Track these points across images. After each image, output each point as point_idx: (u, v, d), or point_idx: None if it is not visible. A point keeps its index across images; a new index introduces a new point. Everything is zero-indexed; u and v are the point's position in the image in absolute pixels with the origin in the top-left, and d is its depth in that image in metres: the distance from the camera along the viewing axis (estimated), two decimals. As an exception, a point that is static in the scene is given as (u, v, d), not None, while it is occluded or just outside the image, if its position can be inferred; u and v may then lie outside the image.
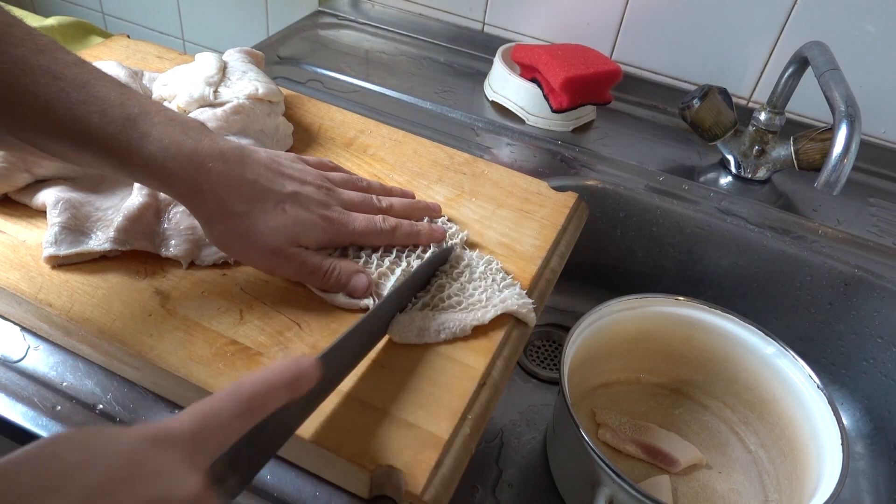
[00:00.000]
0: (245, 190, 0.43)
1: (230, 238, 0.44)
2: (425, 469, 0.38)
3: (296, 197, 0.45)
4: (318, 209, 0.46)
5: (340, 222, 0.47)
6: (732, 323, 0.60)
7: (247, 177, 0.43)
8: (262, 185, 0.44)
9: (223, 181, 0.42)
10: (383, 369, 0.43)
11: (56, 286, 0.46)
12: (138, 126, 0.40)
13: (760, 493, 0.59)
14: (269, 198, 0.44)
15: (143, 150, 0.40)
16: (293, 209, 0.45)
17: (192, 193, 0.42)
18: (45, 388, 0.44)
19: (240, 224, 0.43)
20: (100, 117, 0.39)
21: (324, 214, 0.46)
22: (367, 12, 0.98)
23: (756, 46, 0.80)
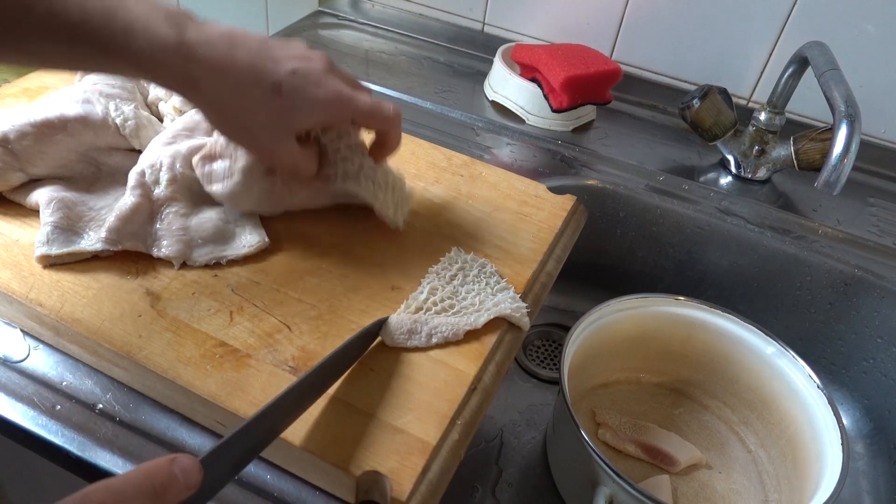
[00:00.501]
0: (237, 75, 0.41)
1: (227, 129, 0.44)
2: (412, 475, 0.37)
3: (294, 74, 0.43)
4: (321, 82, 0.44)
5: (347, 96, 0.45)
6: (732, 323, 0.60)
7: (238, 60, 0.41)
8: (255, 67, 0.42)
9: (214, 68, 0.40)
10: (372, 372, 0.43)
11: (47, 286, 0.45)
12: (121, 17, 0.38)
13: (760, 493, 0.59)
14: (263, 80, 0.42)
15: (129, 45, 0.38)
16: (290, 91, 0.42)
17: (185, 85, 0.41)
18: (45, 388, 0.44)
19: (236, 116, 0.42)
20: (81, 13, 0.37)
21: (328, 87, 0.44)
22: (367, 12, 0.98)
23: (756, 46, 0.80)
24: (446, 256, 0.50)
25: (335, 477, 0.38)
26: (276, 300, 0.47)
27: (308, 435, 0.39)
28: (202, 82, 0.40)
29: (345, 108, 0.45)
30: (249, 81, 0.41)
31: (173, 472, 0.28)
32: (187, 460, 0.29)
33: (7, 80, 0.72)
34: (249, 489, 0.40)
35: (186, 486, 0.28)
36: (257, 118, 0.43)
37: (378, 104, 0.47)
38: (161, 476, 0.28)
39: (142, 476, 0.27)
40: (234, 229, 0.51)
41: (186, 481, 0.28)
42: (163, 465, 0.28)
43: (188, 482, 0.28)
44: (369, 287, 0.49)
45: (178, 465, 0.28)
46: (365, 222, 0.54)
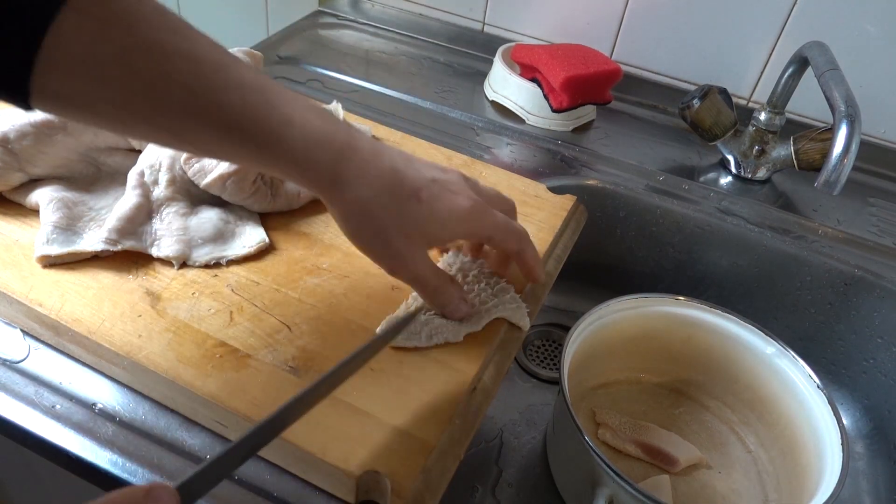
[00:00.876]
0: (382, 178, 0.40)
1: (362, 235, 0.42)
2: (412, 475, 0.37)
3: (434, 182, 0.42)
4: (460, 192, 0.43)
5: (484, 208, 0.44)
6: (732, 323, 0.60)
7: (383, 162, 0.41)
8: (399, 172, 0.41)
9: (362, 169, 0.40)
10: (372, 372, 0.43)
11: (47, 286, 0.45)
12: (280, 110, 0.37)
13: (760, 493, 0.59)
14: (406, 185, 0.41)
15: (286, 136, 0.37)
16: (430, 198, 0.41)
17: (332, 184, 0.39)
18: (45, 388, 0.44)
19: (373, 219, 0.41)
20: (241, 103, 0.36)
21: (468, 197, 0.43)
22: (367, 12, 0.98)
23: (756, 46, 0.80)
24: (443, 258, 0.50)
25: (335, 477, 0.38)
26: (276, 300, 0.47)
27: (308, 435, 0.39)
28: (349, 183, 0.39)
29: (483, 219, 0.44)
30: (393, 185, 0.40)
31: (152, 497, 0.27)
32: (163, 492, 0.27)
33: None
34: (249, 489, 0.40)
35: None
36: (395, 223, 0.41)
37: (511, 221, 0.46)
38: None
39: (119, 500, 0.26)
40: (233, 229, 0.51)
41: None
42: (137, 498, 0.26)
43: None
44: (369, 287, 0.49)
45: (153, 496, 0.27)
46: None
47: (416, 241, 0.42)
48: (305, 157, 0.38)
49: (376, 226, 0.41)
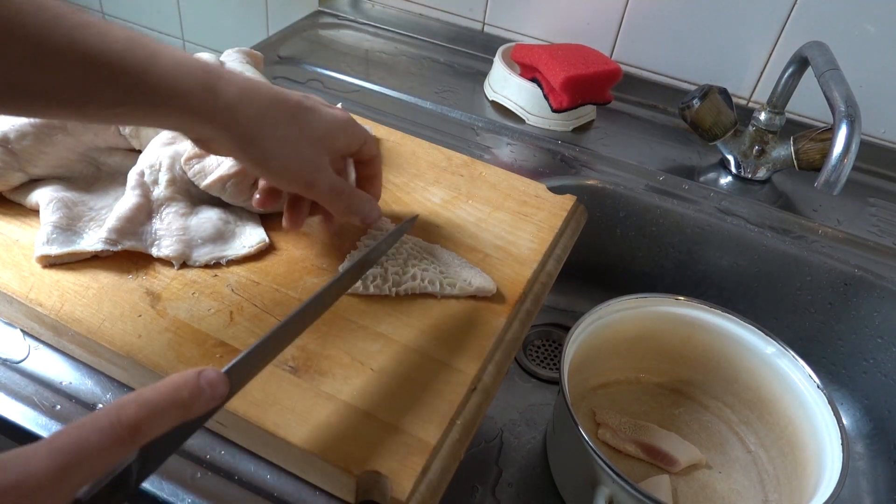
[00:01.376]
0: (261, 99, 0.41)
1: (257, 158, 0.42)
2: (412, 475, 0.37)
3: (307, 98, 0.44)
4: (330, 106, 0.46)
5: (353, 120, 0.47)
6: (732, 323, 0.60)
7: (260, 86, 0.41)
8: (276, 91, 0.42)
9: (240, 93, 0.39)
10: (372, 373, 0.43)
11: (47, 286, 0.46)
12: (144, 45, 0.36)
13: (760, 493, 0.59)
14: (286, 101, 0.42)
15: (154, 67, 0.36)
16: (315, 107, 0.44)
17: (219, 110, 0.39)
18: (45, 388, 0.44)
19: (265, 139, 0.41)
20: (101, 39, 0.35)
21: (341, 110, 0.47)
22: (367, 12, 0.98)
23: (756, 46, 0.80)
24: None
25: (335, 477, 0.38)
26: (276, 300, 0.47)
27: (308, 435, 0.39)
28: (236, 106, 0.39)
29: (357, 127, 0.46)
30: (277, 99, 0.42)
31: (201, 385, 0.29)
32: (213, 373, 0.30)
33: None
34: (249, 489, 0.40)
35: (212, 398, 0.30)
36: (296, 132, 0.42)
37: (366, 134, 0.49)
38: (189, 388, 0.29)
39: (171, 388, 0.28)
40: (233, 229, 0.51)
41: (213, 393, 0.30)
42: (190, 378, 0.29)
43: (214, 394, 0.30)
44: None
45: (205, 378, 0.30)
46: (365, 222, 0.54)
47: (320, 149, 0.44)
48: (178, 88, 0.37)
49: (280, 138, 0.41)
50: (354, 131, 0.46)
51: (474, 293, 0.48)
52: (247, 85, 0.40)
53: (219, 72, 0.39)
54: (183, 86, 0.37)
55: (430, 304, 0.48)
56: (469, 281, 0.48)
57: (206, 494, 0.39)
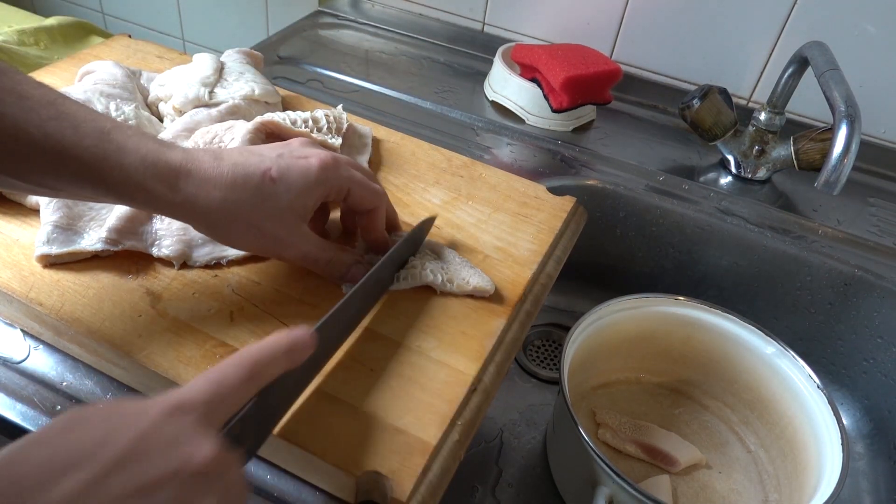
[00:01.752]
0: (226, 179, 0.41)
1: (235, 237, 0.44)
2: (412, 475, 0.37)
3: (281, 158, 0.43)
4: (308, 155, 0.44)
5: (335, 164, 0.45)
6: (732, 323, 0.60)
7: (224, 167, 0.42)
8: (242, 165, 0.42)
9: (205, 179, 0.41)
10: (372, 373, 0.43)
11: (47, 285, 0.46)
12: (113, 138, 0.39)
13: (760, 493, 0.59)
14: (254, 173, 0.42)
15: (121, 162, 0.39)
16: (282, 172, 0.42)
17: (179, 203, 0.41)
18: (45, 388, 0.44)
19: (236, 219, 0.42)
20: (73, 132, 0.38)
21: (317, 156, 0.44)
22: (367, 12, 0.98)
23: (756, 46, 0.80)
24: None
25: (335, 477, 0.38)
26: (277, 300, 0.47)
27: (308, 435, 0.39)
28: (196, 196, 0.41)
29: (337, 173, 0.45)
30: (238, 179, 0.41)
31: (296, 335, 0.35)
32: (302, 329, 0.35)
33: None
34: (249, 489, 0.40)
35: (304, 347, 0.35)
36: (257, 212, 0.42)
37: (368, 175, 0.48)
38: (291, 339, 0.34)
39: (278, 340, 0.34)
40: (234, 229, 0.51)
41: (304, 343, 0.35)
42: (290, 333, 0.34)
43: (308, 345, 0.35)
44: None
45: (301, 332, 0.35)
46: (365, 222, 0.54)
47: (288, 219, 0.43)
48: (140, 184, 0.39)
49: (240, 222, 0.42)
50: (330, 182, 0.44)
51: (471, 292, 0.48)
52: (207, 171, 0.41)
53: (187, 166, 0.41)
54: (145, 183, 0.39)
55: (431, 305, 0.48)
56: (467, 280, 0.48)
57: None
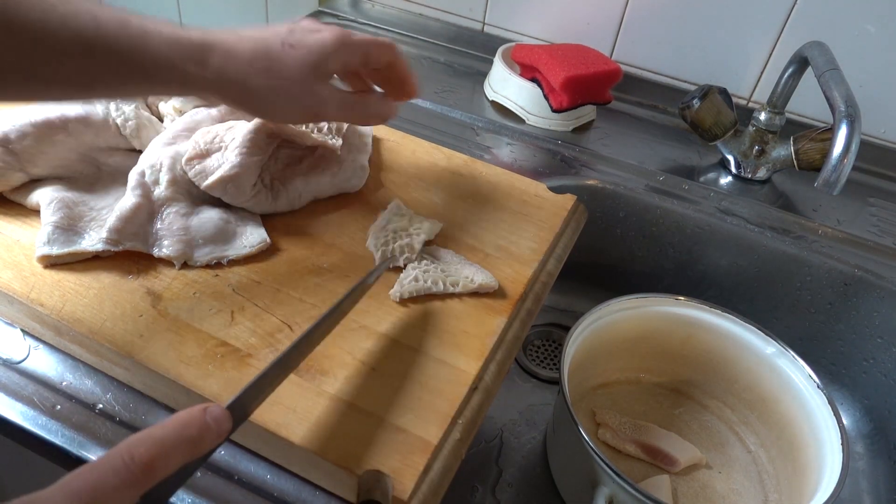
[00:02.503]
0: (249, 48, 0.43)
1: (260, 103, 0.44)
2: (413, 474, 0.37)
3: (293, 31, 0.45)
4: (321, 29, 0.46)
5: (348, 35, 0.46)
6: (732, 323, 0.60)
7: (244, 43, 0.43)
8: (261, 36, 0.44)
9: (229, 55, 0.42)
10: (373, 372, 0.43)
11: (48, 286, 0.45)
12: (133, 24, 0.39)
13: (760, 493, 0.59)
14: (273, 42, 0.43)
15: (147, 45, 0.39)
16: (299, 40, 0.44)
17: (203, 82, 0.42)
18: (45, 388, 0.44)
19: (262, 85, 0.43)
20: (94, 24, 0.38)
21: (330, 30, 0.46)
22: (367, 12, 0.98)
23: (756, 46, 0.80)
24: None
25: (337, 476, 0.38)
26: (278, 300, 0.47)
27: (309, 434, 0.39)
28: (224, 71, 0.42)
29: (353, 41, 0.46)
30: (258, 50, 0.43)
31: (206, 422, 0.30)
32: (218, 410, 0.30)
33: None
34: (249, 489, 0.40)
35: (218, 435, 0.30)
36: (276, 87, 0.43)
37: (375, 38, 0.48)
38: (196, 425, 0.29)
39: (179, 426, 0.29)
40: (235, 229, 0.51)
41: (218, 429, 0.30)
42: (196, 415, 0.30)
43: (220, 430, 0.30)
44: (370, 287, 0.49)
45: (210, 414, 0.30)
46: (363, 221, 0.54)
47: (312, 81, 0.44)
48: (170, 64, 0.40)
49: (269, 87, 0.43)
50: (347, 50, 0.45)
51: (477, 290, 0.48)
52: (231, 46, 0.42)
53: (210, 41, 0.42)
54: (174, 62, 0.40)
55: (432, 304, 0.48)
56: (471, 278, 0.48)
57: (206, 494, 0.39)
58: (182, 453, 0.29)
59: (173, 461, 0.28)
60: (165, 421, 0.29)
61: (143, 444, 0.27)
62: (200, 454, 0.30)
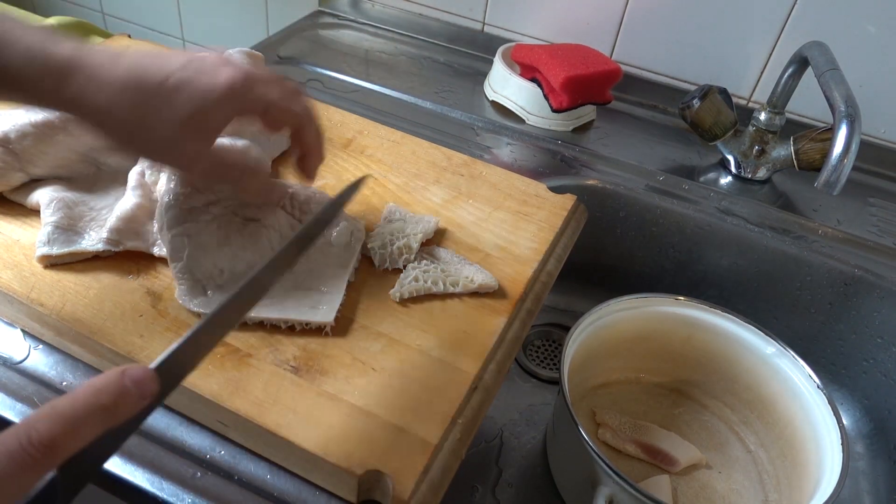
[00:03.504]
0: (118, 80, 0.37)
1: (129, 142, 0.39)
2: (413, 474, 0.37)
3: (185, 68, 0.39)
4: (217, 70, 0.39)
5: (249, 78, 0.40)
6: (732, 323, 0.60)
7: (119, 69, 0.38)
8: (141, 66, 0.38)
9: (94, 79, 0.37)
10: (373, 372, 0.43)
11: (48, 286, 0.46)
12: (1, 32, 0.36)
13: (760, 493, 0.59)
14: (151, 78, 0.38)
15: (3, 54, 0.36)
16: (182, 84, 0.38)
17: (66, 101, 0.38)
18: (45, 388, 0.44)
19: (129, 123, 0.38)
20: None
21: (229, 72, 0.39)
22: (367, 12, 0.98)
23: (756, 46, 0.80)
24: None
25: (337, 476, 0.38)
26: (277, 300, 0.47)
27: (310, 434, 0.39)
28: (83, 95, 0.37)
29: (250, 92, 0.40)
30: (130, 82, 0.38)
31: (124, 385, 0.27)
32: (139, 370, 0.27)
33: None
34: (249, 489, 0.40)
35: (140, 398, 0.27)
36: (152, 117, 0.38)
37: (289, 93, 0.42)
38: (111, 390, 0.26)
39: (90, 394, 0.26)
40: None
41: (140, 392, 0.27)
42: (112, 380, 0.26)
43: (142, 393, 0.27)
44: (370, 287, 0.49)
45: (129, 376, 0.27)
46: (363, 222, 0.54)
47: (187, 131, 0.39)
48: (25, 76, 0.36)
49: (129, 125, 0.38)
50: (237, 103, 0.40)
51: (477, 290, 0.48)
52: (100, 69, 0.37)
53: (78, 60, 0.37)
54: (29, 76, 0.37)
55: (432, 304, 0.48)
56: (471, 278, 0.48)
57: (206, 494, 0.39)
58: (95, 424, 0.26)
59: (83, 434, 0.25)
60: (76, 389, 0.26)
61: (43, 421, 0.24)
62: (118, 422, 0.27)
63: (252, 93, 0.40)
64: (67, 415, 0.25)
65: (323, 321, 0.44)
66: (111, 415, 0.26)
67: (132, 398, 0.27)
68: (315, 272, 0.48)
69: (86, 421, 0.25)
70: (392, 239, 0.50)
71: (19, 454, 0.24)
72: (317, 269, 0.48)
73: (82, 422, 0.25)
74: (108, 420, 0.26)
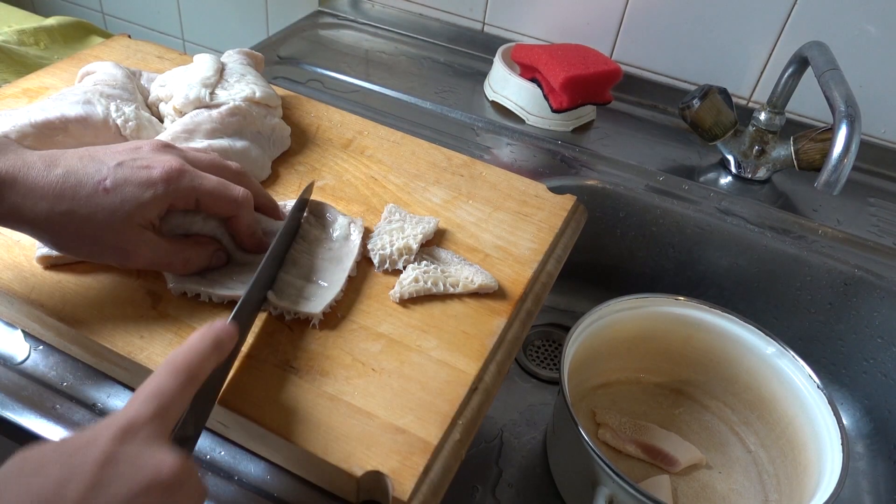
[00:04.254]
0: (56, 188, 0.39)
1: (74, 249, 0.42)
2: (413, 475, 0.37)
3: (120, 166, 0.40)
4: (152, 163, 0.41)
5: (181, 174, 0.42)
6: (732, 323, 0.60)
7: (54, 175, 0.39)
8: (75, 174, 0.40)
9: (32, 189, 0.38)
10: (373, 373, 0.43)
11: (48, 287, 0.45)
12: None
13: (760, 493, 0.59)
14: (85, 184, 0.39)
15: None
16: (118, 182, 0.40)
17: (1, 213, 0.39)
18: (45, 388, 0.44)
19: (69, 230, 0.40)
20: None
21: (162, 165, 0.41)
22: (367, 12, 0.98)
23: (756, 46, 0.80)
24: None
25: (337, 477, 0.38)
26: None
27: (310, 434, 0.39)
28: (23, 206, 0.38)
29: (183, 184, 0.42)
30: (66, 189, 0.39)
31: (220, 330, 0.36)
32: (220, 322, 0.36)
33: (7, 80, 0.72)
34: (249, 489, 0.40)
35: (231, 338, 0.37)
36: (94, 223, 0.40)
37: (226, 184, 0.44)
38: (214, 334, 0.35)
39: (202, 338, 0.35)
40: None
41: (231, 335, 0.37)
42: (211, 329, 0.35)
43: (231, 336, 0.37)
44: (370, 288, 0.49)
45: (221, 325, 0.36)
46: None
47: (127, 230, 0.41)
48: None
49: (70, 232, 0.40)
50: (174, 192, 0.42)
51: (477, 290, 0.48)
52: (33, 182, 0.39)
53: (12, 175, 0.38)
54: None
55: (431, 304, 0.48)
56: (471, 279, 0.48)
57: (206, 494, 0.39)
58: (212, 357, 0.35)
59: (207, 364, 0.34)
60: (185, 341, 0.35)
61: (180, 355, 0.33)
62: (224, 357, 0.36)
63: (184, 183, 0.42)
64: (195, 349, 0.34)
65: (311, 312, 0.44)
66: (218, 352, 0.35)
67: (227, 337, 0.36)
68: (316, 266, 0.48)
69: (206, 355, 0.34)
70: (392, 240, 0.50)
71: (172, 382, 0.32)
72: (318, 263, 0.48)
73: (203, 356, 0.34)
74: (218, 355, 0.35)
